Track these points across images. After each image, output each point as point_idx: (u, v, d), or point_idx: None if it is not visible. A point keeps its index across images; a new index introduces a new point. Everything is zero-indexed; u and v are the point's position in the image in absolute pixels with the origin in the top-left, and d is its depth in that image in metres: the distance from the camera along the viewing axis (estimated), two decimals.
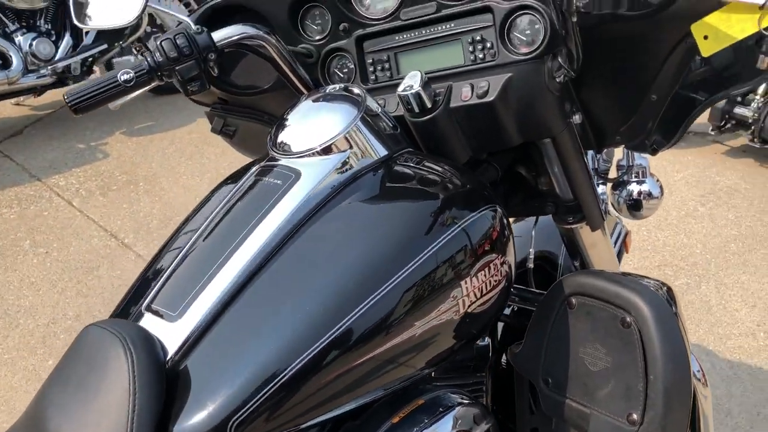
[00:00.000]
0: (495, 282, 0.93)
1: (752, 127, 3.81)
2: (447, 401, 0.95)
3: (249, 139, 1.34)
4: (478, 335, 1.00)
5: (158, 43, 1.04)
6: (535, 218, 1.34)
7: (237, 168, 1.07)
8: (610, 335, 0.96)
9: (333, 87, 1.05)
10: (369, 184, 0.94)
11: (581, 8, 0.80)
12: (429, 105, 1.01)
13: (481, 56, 1.03)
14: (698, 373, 1.24)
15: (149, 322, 0.85)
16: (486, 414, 0.97)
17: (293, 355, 0.78)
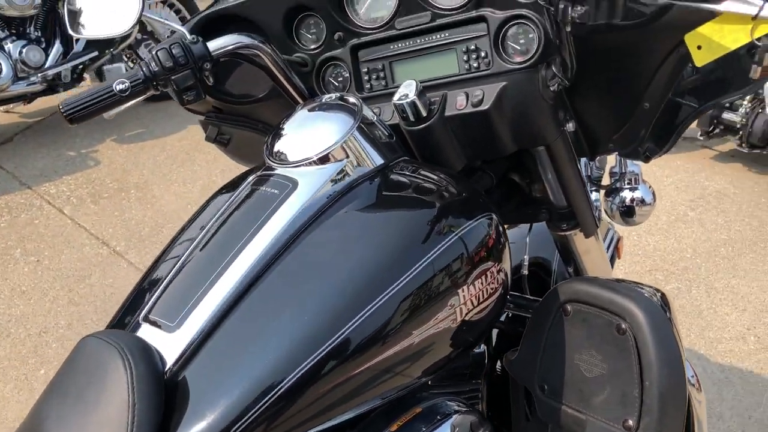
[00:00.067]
0: (492, 290, 0.93)
1: (740, 132, 3.85)
2: (444, 409, 0.96)
3: (243, 148, 1.34)
4: (475, 343, 1.00)
5: (154, 53, 1.05)
6: (529, 225, 1.35)
7: (229, 174, 1.06)
8: (606, 342, 0.97)
9: (329, 96, 1.05)
10: (366, 193, 0.94)
11: (576, 19, 0.81)
12: (424, 114, 1.02)
13: (476, 65, 1.03)
14: (692, 379, 1.25)
15: (147, 333, 0.85)
16: (483, 421, 0.97)
17: (292, 365, 0.78)
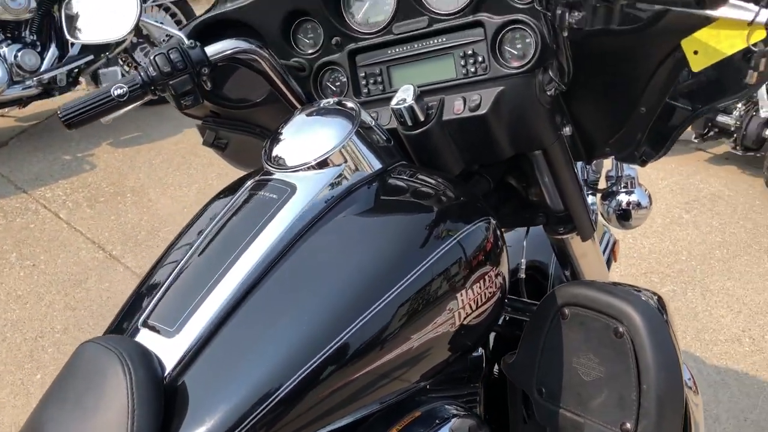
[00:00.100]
0: (490, 294, 0.94)
1: (734, 135, 3.87)
2: (443, 413, 0.96)
3: (241, 152, 1.34)
4: (474, 347, 1.00)
5: (151, 58, 1.05)
6: (527, 229, 1.35)
7: (225, 178, 1.07)
8: (603, 345, 0.97)
9: (327, 101, 1.06)
10: (364, 198, 0.94)
11: (574, 24, 0.81)
12: (422, 118, 1.02)
13: (473, 70, 1.04)
14: (689, 381, 1.26)
15: (146, 338, 0.85)
16: (481, 425, 0.98)
17: (291, 371, 0.78)
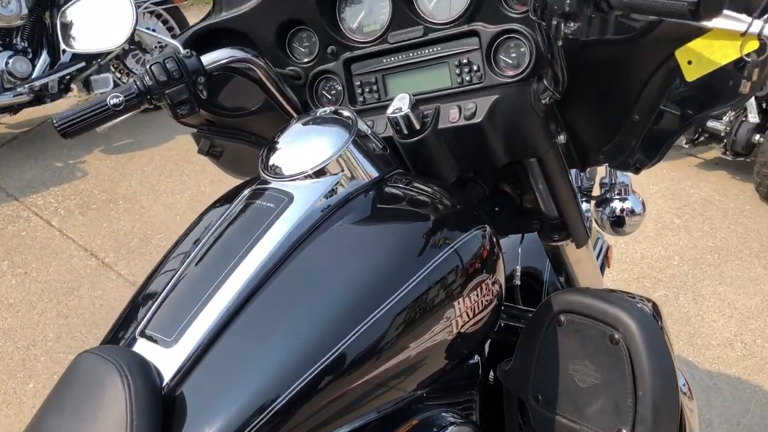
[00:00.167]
0: (487, 301, 0.94)
1: (724, 140, 3.90)
2: (440, 421, 0.96)
3: (236, 160, 1.34)
4: (471, 355, 1.01)
5: (148, 67, 1.05)
6: (521, 235, 1.36)
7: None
8: (599, 352, 0.98)
9: (323, 110, 1.06)
10: (361, 207, 0.94)
11: (569, 35, 0.82)
12: (418, 127, 1.03)
13: (468, 79, 1.04)
14: (684, 387, 1.27)
15: (144, 348, 0.85)
16: None
17: (289, 381, 0.78)
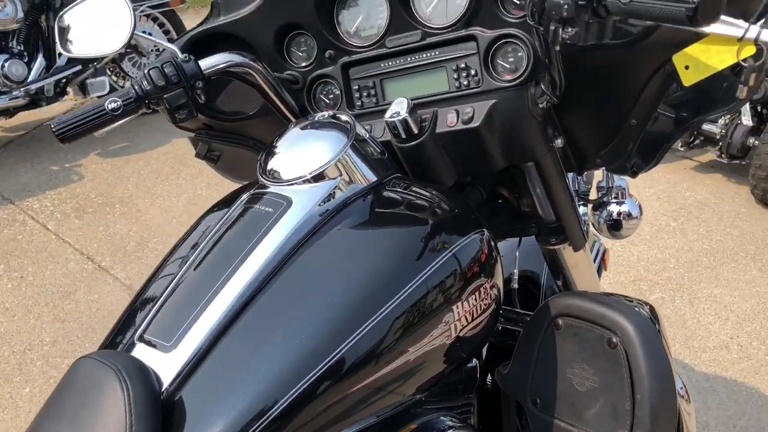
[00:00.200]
0: (485, 305, 0.94)
1: (720, 143, 3.92)
2: (439, 425, 0.96)
3: (233, 164, 1.34)
4: (469, 358, 1.01)
5: (146, 72, 1.05)
6: (519, 239, 1.36)
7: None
8: (597, 356, 0.98)
9: (321, 114, 1.06)
10: (360, 211, 0.94)
11: (567, 40, 0.82)
12: (416, 131, 1.03)
13: (466, 83, 1.05)
14: (681, 390, 1.27)
15: (143, 353, 0.84)
16: None
17: (288, 385, 0.78)
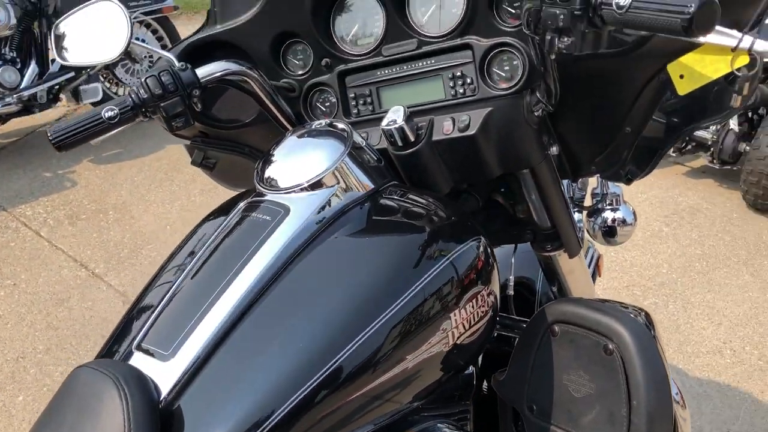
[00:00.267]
0: (482, 312, 0.95)
1: (711, 149, 3.95)
2: None
3: (229, 172, 1.35)
4: (466, 366, 1.01)
5: (143, 80, 1.05)
6: (514, 246, 1.37)
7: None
8: (593, 362, 0.98)
9: (318, 122, 1.06)
10: (357, 219, 0.95)
11: (563, 50, 0.83)
12: (412, 139, 1.04)
13: (462, 91, 1.05)
14: (677, 396, 1.27)
15: (140, 362, 0.84)
16: None
17: (286, 394, 0.78)
